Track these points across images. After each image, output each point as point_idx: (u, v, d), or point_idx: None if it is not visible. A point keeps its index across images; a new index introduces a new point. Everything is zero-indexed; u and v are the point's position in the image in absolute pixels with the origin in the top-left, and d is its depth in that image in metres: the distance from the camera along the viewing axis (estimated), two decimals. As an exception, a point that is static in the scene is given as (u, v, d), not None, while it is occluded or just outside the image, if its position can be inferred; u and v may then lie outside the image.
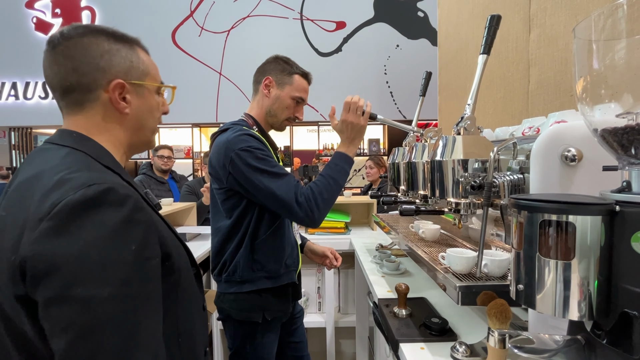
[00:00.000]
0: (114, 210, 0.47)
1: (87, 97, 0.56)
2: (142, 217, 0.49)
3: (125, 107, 0.59)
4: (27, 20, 4.57)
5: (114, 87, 0.57)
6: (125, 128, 0.60)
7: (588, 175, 0.61)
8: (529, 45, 1.29)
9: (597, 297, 0.42)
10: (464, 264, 0.72)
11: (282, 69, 1.12)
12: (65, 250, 0.43)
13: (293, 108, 1.13)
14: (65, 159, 0.52)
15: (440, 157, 0.81)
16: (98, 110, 0.58)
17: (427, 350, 0.74)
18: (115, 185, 0.48)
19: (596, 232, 0.42)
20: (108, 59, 0.57)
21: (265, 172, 0.95)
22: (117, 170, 0.56)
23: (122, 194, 0.48)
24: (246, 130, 1.01)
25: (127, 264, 0.46)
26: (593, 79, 0.50)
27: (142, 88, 0.61)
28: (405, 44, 4.51)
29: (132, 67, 0.59)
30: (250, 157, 0.96)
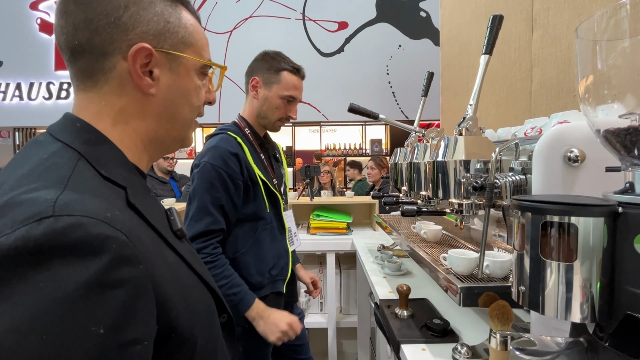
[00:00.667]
0: (74, 263, 0.28)
1: (100, 64, 0.40)
2: (126, 275, 0.31)
3: (150, 85, 0.42)
4: (31, 21, 4.61)
5: (136, 54, 0.40)
6: (150, 116, 0.43)
7: (591, 176, 0.60)
8: (531, 45, 1.29)
9: (599, 299, 0.42)
10: (465, 265, 0.72)
11: (269, 66, 1.06)
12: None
13: (284, 108, 1.07)
14: (44, 163, 0.36)
15: (442, 157, 0.81)
16: (113, 87, 0.41)
17: (428, 351, 0.74)
18: (90, 218, 0.30)
19: (599, 233, 0.42)
20: (135, 11, 0.40)
21: (200, 198, 0.96)
22: (123, 184, 0.39)
23: (97, 235, 0.30)
24: (228, 142, 1.00)
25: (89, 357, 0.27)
26: (596, 80, 0.49)
27: (179, 62, 0.43)
28: (408, 44, 4.51)
29: (168, 29, 0.42)
30: (207, 176, 0.96)
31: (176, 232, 0.45)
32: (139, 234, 0.34)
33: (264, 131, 1.13)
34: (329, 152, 4.81)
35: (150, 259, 0.34)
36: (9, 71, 4.61)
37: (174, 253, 0.42)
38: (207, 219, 0.95)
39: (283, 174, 1.21)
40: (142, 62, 0.41)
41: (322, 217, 1.99)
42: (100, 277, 0.29)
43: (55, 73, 4.63)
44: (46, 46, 4.61)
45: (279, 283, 1.08)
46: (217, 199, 0.96)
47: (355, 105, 1.10)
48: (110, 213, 0.32)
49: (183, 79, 0.44)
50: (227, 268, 0.97)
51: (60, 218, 0.29)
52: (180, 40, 0.44)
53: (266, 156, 1.12)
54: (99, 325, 0.28)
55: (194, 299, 0.42)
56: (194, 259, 0.46)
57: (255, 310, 0.97)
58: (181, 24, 0.44)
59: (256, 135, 1.10)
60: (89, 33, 0.39)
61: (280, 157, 1.24)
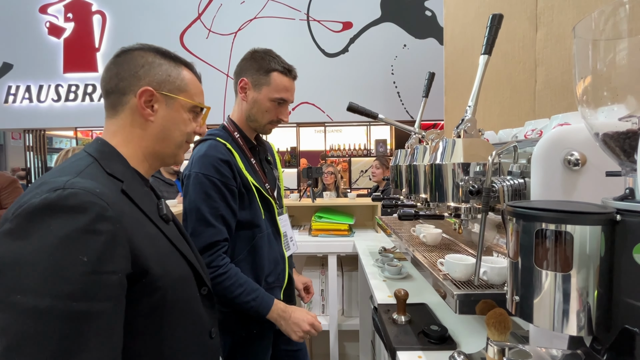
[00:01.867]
0: (70, 217, 0.45)
1: (120, 100, 0.61)
2: (104, 228, 0.47)
3: (150, 115, 0.61)
4: (40, 25, 4.69)
5: (142, 93, 0.60)
6: (149, 135, 0.62)
7: (592, 180, 0.58)
8: (535, 44, 1.26)
9: (596, 311, 0.40)
10: (462, 270, 0.70)
11: (258, 67, 1.01)
12: (12, 254, 0.43)
13: (274, 110, 1.03)
14: (70, 164, 0.55)
15: (440, 160, 0.79)
16: (127, 114, 0.61)
17: (424, 359, 0.72)
18: (83, 190, 0.48)
19: (596, 242, 0.40)
20: (148, 69, 0.62)
21: (198, 211, 0.92)
22: (121, 178, 0.56)
23: (85, 201, 0.47)
24: (217, 149, 0.96)
25: (75, 277, 0.44)
26: (594, 81, 0.47)
27: (173, 101, 0.63)
28: (413, 44, 4.47)
29: (168, 80, 0.63)
30: (200, 186, 0.93)
31: (162, 217, 0.62)
32: (121, 207, 0.52)
33: (254, 134, 1.10)
34: (334, 152, 4.80)
35: (130, 225, 0.51)
36: (19, 74, 4.70)
37: (157, 228, 0.58)
38: (209, 231, 0.92)
39: (276, 176, 1.17)
40: (146, 99, 0.61)
41: (324, 218, 1.98)
42: (86, 226, 0.46)
43: (64, 75, 4.70)
44: (55, 49, 4.69)
45: (275, 290, 1.06)
46: (215, 209, 0.93)
47: (354, 105, 1.08)
48: (100, 190, 0.50)
49: (175, 112, 0.64)
50: (239, 276, 0.94)
51: (66, 190, 0.47)
52: (177, 87, 0.64)
53: (257, 160, 1.08)
54: (83, 255, 0.45)
55: (167, 262, 0.57)
56: (177, 238, 0.62)
57: (276, 311, 0.95)
58: (179, 77, 0.65)
59: (246, 139, 1.06)
60: (117, 80, 0.61)
61: (274, 159, 1.21)
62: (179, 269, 0.59)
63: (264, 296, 0.95)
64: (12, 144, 6.61)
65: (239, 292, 0.92)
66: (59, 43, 4.69)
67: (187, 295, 0.60)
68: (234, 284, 0.92)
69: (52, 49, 4.69)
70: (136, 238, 0.52)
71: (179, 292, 0.58)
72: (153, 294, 0.53)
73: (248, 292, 0.93)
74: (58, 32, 4.67)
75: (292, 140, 4.86)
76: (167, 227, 0.62)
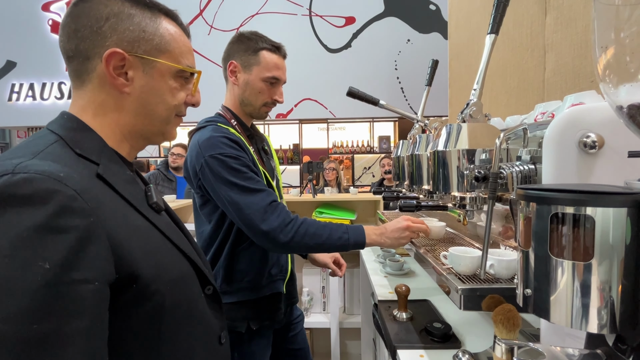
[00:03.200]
0: (22, 211, 0.35)
1: (84, 66, 0.48)
2: (71, 223, 0.36)
3: (123, 85, 0.48)
4: (43, 23, 4.70)
5: (109, 57, 0.47)
6: (127, 111, 0.50)
7: (610, 164, 0.53)
8: (544, 29, 1.20)
9: (621, 305, 0.35)
10: (468, 264, 0.66)
11: (246, 47, 0.96)
12: None
13: (268, 91, 0.98)
14: (27, 143, 0.44)
15: (444, 147, 0.74)
16: (95, 85, 0.48)
17: (426, 357, 0.68)
18: (40, 175, 0.36)
19: (620, 227, 0.35)
20: (114, 22, 0.47)
21: (235, 186, 0.86)
22: (95, 160, 0.45)
23: (42, 188, 0.36)
24: (222, 131, 0.91)
25: (32, 291, 0.33)
26: (617, 49, 0.42)
27: (152, 65, 0.50)
28: (417, 39, 4.40)
29: (142, 37, 0.49)
30: (221, 167, 0.86)
31: (151, 205, 0.51)
32: (95, 195, 0.41)
33: (250, 121, 1.06)
34: (337, 149, 4.75)
35: (109, 217, 0.41)
36: (22, 72, 4.71)
37: (145, 219, 0.48)
38: (256, 197, 0.85)
39: (274, 167, 1.14)
40: (116, 64, 0.48)
41: (325, 214, 1.94)
42: (46, 222, 0.35)
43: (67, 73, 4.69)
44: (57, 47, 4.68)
45: (278, 283, 1.02)
46: (249, 179, 0.87)
47: (355, 89, 1.04)
48: (64, 174, 0.39)
49: (156, 80, 0.51)
50: (312, 221, 0.89)
51: (16, 174, 0.36)
52: (155, 47, 0.50)
53: (255, 149, 1.05)
54: (44, 262, 0.34)
55: (162, 260, 0.47)
56: (171, 230, 0.52)
57: (371, 236, 0.91)
58: (157, 33, 0.50)
59: (244, 127, 1.02)
60: (77, 40, 0.48)
61: (270, 149, 1.17)
62: (177, 266, 0.50)
63: (351, 230, 0.91)
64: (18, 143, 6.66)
65: (327, 233, 0.88)
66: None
67: (189, 297, 0.51)
68: (318, 227, 0.88)
69: (54, 46, 4.69)
70: (119, 234, 0.41)
71: (180, 295, 0.48)
72: (148, 301, 0.44)
73: (335, 228, 0.89)
74: (60, 29, 4.68)
75: (295, 137, 4.82)
76: (158, 218, 0.51)
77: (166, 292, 0.46)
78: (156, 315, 0.45)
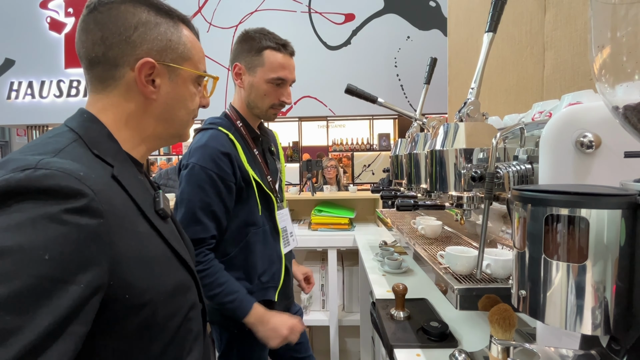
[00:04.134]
0: (41, 201, 0.36)
1: (111, 73, 0.49)
2: (82, 222, 0.37)
3: (152, 92, 0.50)
4: (41, 20, 4.67)
5: (142, 67, 0.48)
6: (150, 116, 0.52)
7: (607, 163, 0.53)
8: (544, 27, 1.19)
9: (615, 307, 0.35)
10: (464, 263, 0.66)
11: (249, 48, 0.92)
12: None
13: (274, 92, 0.95)
14: (47, 139, 0.45)
15: (441, 146, 0.74)
16: (121, 91, 0.50)
17: (423, 357, 0.68)
18: (62, 172, 0.38)
19: (614, 228, 0.35)
20: (143, 32, 0.49)
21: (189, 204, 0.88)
22: (110, 162, 0.46)
23: (64, 185, 0.37)
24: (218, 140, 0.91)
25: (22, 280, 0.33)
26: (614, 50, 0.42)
27: (177, 73, 0.52)
28: (417, 36, 4.38)
29: (169, 46, 0.51)
30: (198, 180, 0.88)
31: (158, 211, 0.51)
32: (110, 197, 0.42)
33: (257, 122, 1.04)
34: (336, 147, 4.74)
35: (117, 221, 0.41)
36: (21, 70, 4.69)
37: (149, 225, 0.48)
38: (195, 228, 0.88)
39: (279, 168, 1.12)
40: (146, 73, 0.49)
41: (324, 212, 1.94)
42: (58, 215, 0.36)
43: (66, 71, 4.68)
44: (56, 44, 4.67)
45: (270, 290, 1.00)
46: (207, 204, 0.89)
47: (353, 87, 1.03)
48: (84, 173, 0.40)
49: (180, 87, 0.53)
50: (220, 275, 0.90)
51: (38, 170, 0.37)
52: (180, 55, 0.52)
53: (260, 151, 1.03)
54: (45, 252, 0.34)
55: (159, 270, 0.46)
56: (175, 239, 0.52)
57: (254, 316, 0.91)
58: (181, 41, 0.52)
59: (249, 129, 1.00)
60: (105, 48, 0.48)
61: (277, 149, 1.16)
62: (174, 276, 0.49)
63: (243, 299, 0.91)
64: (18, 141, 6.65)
65: (217, 292, 0.89)
66: (60, 38, 4.68)
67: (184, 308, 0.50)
68: (214, 282, 0.88)
69: (53, 44, 4.67)
70: (122, 239, 0.41)
71: (174, 306, 0.48)
72: (137, 313, 0.43)
73: (226, 293, 0.89)
74: (59, 27, 4.65)
75: (294, 135, 4.81)
76: (163, 225, 0.51)
77: (159, 302, 0.45)
78: (145, 328, 0.44)
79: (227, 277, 0.91)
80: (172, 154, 4.79)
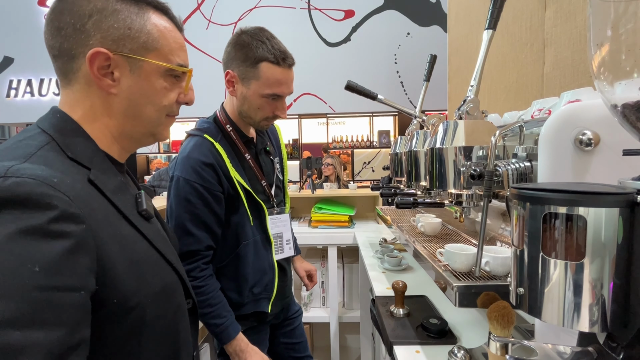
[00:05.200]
0: (17, 214, 0.34)
1: (70, 66, 0.46)
2: (66, 228, 0.36)
3: (110, 86, 0.46)
4: (39, 18, 4.65)
5: (93, 57, 0.45)
6: (116, 113, 0.48)
7: (606, 161, 0.53)
8: (544, 23, 1.19)
9: (612, 304, 0.35)
10: (463, 261, 0.66)
11: (244, 57, 0.85)
12: None
13: (269, 106, 0.89)
14: (17, 143, 0.42)
15: (440, 144, 0.74)
16: (82, 85, 0.46)
17: (422, 354, 0.68)
18: (34, 180, 0.36)
19: (612, 227, 0.35)
20: (97, 19, 0.45)
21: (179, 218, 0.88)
22: (87, 165, 0.44)
23: (37, 193, 0.35)
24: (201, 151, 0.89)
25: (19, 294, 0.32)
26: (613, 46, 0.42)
27: (139, 65, 0.47)
28: (417, 32, 4.36)
29: (128, 35, 0.46)
30: (184, 193, 0.88)
31: (141, 212, 0.49)
32: (87, 201, 0.40)
33: (249, 128, 1.00)
34: (336, 144, 4.74)
35: (98, 225, 0.40)
36: (20, 68, 4.68)
37: (132, 227, 0.46)
38: (188, 239, 0.87)
39: (277, 167, 1.09)
40: (101, 64, 0.46)
41: (324, 210, 1.94)
42: (43, 227, 0.35)
43: (64, 69, 4.67)
44: (55, 42, 4.66)
45: (262, 302, 0.99)
46: (196, 215, 0.88)
47: (353, 83, 1.04)
48: (58, 179, 0.38)
49: (144, 80, 0.48)
50: (214, 296, 0.90)
51: (8, 178, 0.35)
52: (142, 45, 0.47)
53: (253, 154, 0.99)
54: (34, 265, 0.33)
55: (145, 271, 0.45)
56: (160, 239, 0.51)
57: (234, 346, 0.90)
58: (144, 30, 0.47)
59: (240, 133, 0.96)
60: (61, 39, 0.45)
61: (277, 145, 1.11)
62: (161, 277, 0.48)
63: (229, 326, 0.90)
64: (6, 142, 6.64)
65: (206, 312, 0.88)
66: None
67: (172, 308, 0.49)
68: (205, 301, 0.88)
69: (52, 42, 4.66)
70: (106, 243, 0.40)
71: (162, 308, 0.47)
72: (125, 317, 0.42)
73: (215, 315, 0.89)
74: (57, 24, 4.63)
75: (294, 132, 4.81)
76: (147, 226, 0.49)
77: (147, 304, 0.44)
78: (133, 331, 0.43)
79: (219, 299, 0.90)
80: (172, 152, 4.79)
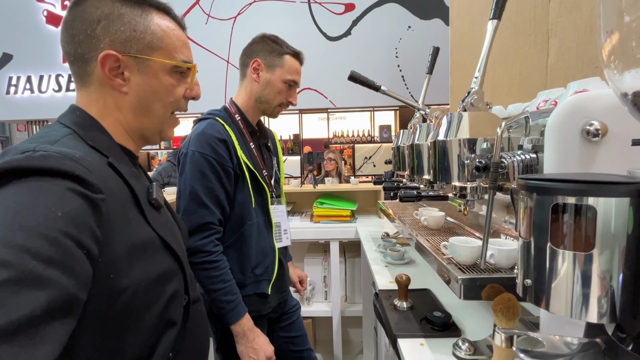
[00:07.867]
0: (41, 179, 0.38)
1: (85, 69, 0.51)
2: (85, 191, 0.40)
3: (121, 85, 0.51)
4: (38, 14, 4.62)
5: (104, 59, 0.49)
6: (126, 110, 0.52)
7: (614, 152, 0.52)
8: (548, 14, 1.17)
9: (621, 295, 0.35)
10: (468, 254, 0.66)
11: (271, 49, 1.02)
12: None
13: (285, 92, 1.03)
14: (41, 134, 0.46)
15: (444, 136, 0.73)
16: (96, 86, 0.51)
17: (427, 346, 0.68)
18: (59, 154, 0.40)
19: (622, 217, 0.35)
20: (105, 25, 0.49)
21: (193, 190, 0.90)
22: (105, 153, 0.48)
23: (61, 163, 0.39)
24: (215, 128, 0.94)
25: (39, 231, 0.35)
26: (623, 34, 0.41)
27: (146, 64, 0.51)
28: (418, 25, 4.32)
29: (134, 37, 0.50)
30: (199, 166, 0.91)
31: (151, 202, 0.52)
32: (106, 178, 0.44)
33: (257, 118, 1.08)
34: (337, 139, 4.72)
35: (112, 202, 0.43)
36: (19, 65, 4.66)
37: (140, 213, 0.49)
38: (202, 211, 0.91)
39: (276, 165, 1.15)
40: (112, 66, 0.50)
41: (326, 204, 1.94)
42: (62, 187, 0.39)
43: (64, 65, 4.63)
44: (53, 38, 4.61)
45: (263, 283, 1.02)
46: (210, 189, 0.92)
47: (356, 74, 1.04)
48: (79, 156, 0.42)
49: (152, 78, 0.52)
50: (226, 272, 0.92)
51: (37, 152, 0.40)
52: (147, 45, 0.51)
53: (256, 145, 1.06)
54: (58, 209, 0.37)
55: (144, 256, 0.47)
56: (166, 228, 0.53)
57: (242, 326, 0.92)
58: (148, 31, 0.51)
59: (247, 122, 1.05)
60: (75, 45, 0.50)
61: (274, 147, 1.18)
62: (159, 264, 0.50)
63: (239, 304, 0.92)
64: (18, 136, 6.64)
65: (218, 287, 0.90)
66: (57, 32, 4.62)
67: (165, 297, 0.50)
68: (218, 277, 0.90)
69: (50, 38, 4.62)
70: (115, 220, 0.43)
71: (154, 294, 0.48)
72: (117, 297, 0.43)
73: (227, 292, 0.91)
74: (56, 20, 4.59)
75: (295, 127, 4.79)
76: (156, 215, 0.52)
77: (139, 289, 0.45)
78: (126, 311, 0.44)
79: (231, 277, 0.93)
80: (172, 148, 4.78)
